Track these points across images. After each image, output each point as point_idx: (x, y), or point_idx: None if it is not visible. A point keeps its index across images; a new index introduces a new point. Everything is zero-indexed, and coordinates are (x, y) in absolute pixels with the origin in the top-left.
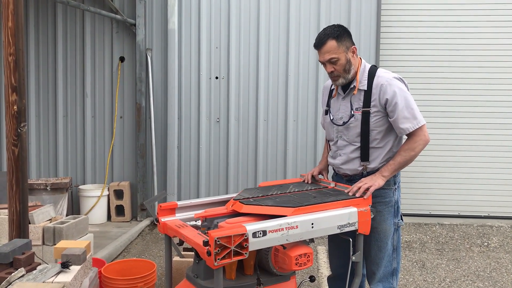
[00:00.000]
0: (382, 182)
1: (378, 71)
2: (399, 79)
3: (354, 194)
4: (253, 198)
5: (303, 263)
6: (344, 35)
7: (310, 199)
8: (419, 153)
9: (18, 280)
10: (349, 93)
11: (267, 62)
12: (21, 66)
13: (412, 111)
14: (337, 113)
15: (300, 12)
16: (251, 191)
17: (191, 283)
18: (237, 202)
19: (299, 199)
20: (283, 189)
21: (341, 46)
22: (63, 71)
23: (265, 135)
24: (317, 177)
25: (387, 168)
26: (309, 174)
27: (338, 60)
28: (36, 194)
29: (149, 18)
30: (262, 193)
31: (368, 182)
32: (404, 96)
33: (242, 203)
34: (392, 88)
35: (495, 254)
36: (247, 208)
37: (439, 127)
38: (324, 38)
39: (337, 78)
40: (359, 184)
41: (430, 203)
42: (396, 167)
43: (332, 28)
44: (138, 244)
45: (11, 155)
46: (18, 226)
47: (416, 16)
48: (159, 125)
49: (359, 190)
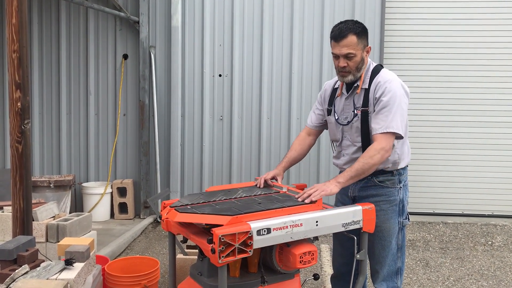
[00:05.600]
0: (336, 188)
1: (381, 71)
2: (399, 84)
3: (303, 200)
4: (191, 205)
5: (307, 261)
6: (364, 33)
7: (254, 206)
8: (377, 163)
9: (22, 277)
10: (353, 92)
11: (270, 59)
12: (25, 63)
13: (391, 116)
14: (341, 113)
15: (304, 9)
16: (193, 197)
17: (195, 281)
18: (172, 210)
19: (241, 206)
20: (230, 194)
21: (360, 44)
22: (67, 69)
23: (268, 133)
24: (268, 182)
25: (343, 174)
26: (262, 178)
27: (354, 56)
28: (40, 191)
29: (152, 15)
30: (205, 199)
31: (320, 188)
32: (394, 99)
33: (177, 210)
34: (386, 87)
35: (499, 253)
36: (181, 217)
37: (444, 125)
38: (346, 32)
39: (347, 74)
40: (310, 190)
41: (434, 201)
42: (353, 174)
43: (353, 23)
44: (141, 242)
45: (15, 152)
46: (22, 223)
47: (420, 14)
48: (162, 123)
49: (308, 197)
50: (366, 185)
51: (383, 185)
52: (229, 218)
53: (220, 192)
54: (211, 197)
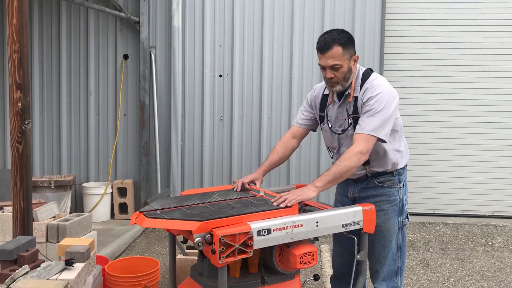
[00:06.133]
0: (313, 193)
1: (370, 76)
2: (388, 89)
3: (278, 205)
4: (162, 209)
5: (307, 262)
6: (349, 43)
7: (226, 210)
8: (355, 166)
9: (22, 277)
10: (345, 101)
11: (271, 60)
12: (25, 63)
13: (375, 120)
14: (335, 121)
15: (304, 10)
16: (165, 201)
17: (195, 281)
18: (140, 215)
19: (212, 211)
20: (204, 198)
21: (345, 54)
22: (67, 69)
23: (268, 133)
24: (246, 185)
25: (320, 178)
26: (240, 182)
27: (340, 67)
28: (40, 191)
29: (153, 15)
30: (176, 204)
31: (296, 193)
32: (380, 103)
33: (145, 216)
34: (373, 92)
35: (499, 253)
36: (149, 222)
37: (444, 126)
38: (330, 43)
39: (334, 85)
40: (286, 195)
41: (434, 202)
42: (331, 178)
43: (338, 33)
44: (141, 242)
45: (15, 152)
46: (22, 223)
47: (420, 15)
48: (162, 123)
49: (284, 202)
50: (366, 186)
51: (383, 186)
52: (198, 223)
53: (195, 196)
54: (184, 201)
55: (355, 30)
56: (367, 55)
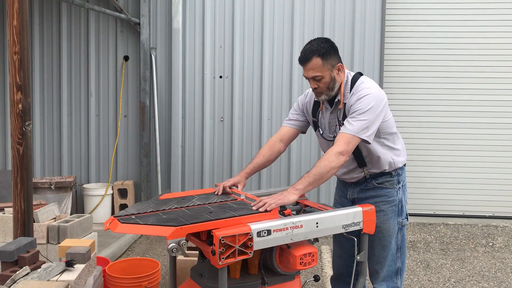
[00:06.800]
0: (294, 196)
1: (358, 80)
2: (375, 92)
3: (258, 209)
4: (137, 214)
5: (307, 263)
6: (330, 53)
7: (203, 215)
8: (336, 167)
9: (22, 278)
10: (336, 108)
11: (271, 61)
12: (26, 65)
13: (360, 121)
14: (326, 128)
15: (305, 10)
16: (141, 206)
17: (195, 282)
18: (114, 220)
19: (189, 216)
20: (183, 202)
21: (326, 65)
22: (68, 70)
23: (269, 134)
24: (227, 189)
25: (301, 181)
26: (221, 185)
27: (322, 78)
28: (41, 192)
29: (153, 17)
30: (153, 208)
31: (276, 197)
32: (366, 105)
33: (119, 221)
34: (360, 94)
35: (500, 254)
36: (122, 228)
37: (444, 127)
38: (309, 55)
39: (320, 95)
40: (266, 199)
41: (435, 203)
42: (312, 180)
43: (318, 44)
44: (142, 243)
45: (16, 153)
46: (23, 224)
47: (420, 15)
48: (163, 124)
49: (264, 206)
50: (365, 188)
51: (382, 186)
52: (172, 229)
53: (173, 200)
54: (161, 206)
55: (355, 32)
56: (367, 56)
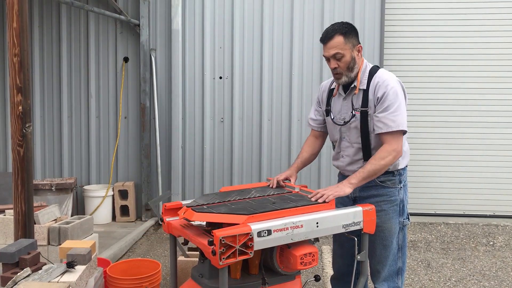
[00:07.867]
0: (349, 189)
1: (378, 71)
2: (397, 82)
3: (316, 200)
4: (207, 204)
5: (308, 263)
6: (351, 33)
7: (268, 205)
8: (389, 164)
9: (23, 280)
10: (350, 93)
11: (271, 61)
12: (26, 66)
13: (397, 114)
14: (338, 113)
15: (304, 11)
16: (208, 197)
17: (196, 283)
18: (189, 210)
19: (255, 206)
20: (243, 194)
21: (347, 43)
22: (68, 72)
23: (269, 134)
24: (281, 182)
25: (356, 175)
26: (275, 179)
27: (343, 56)
28: (41, 194)
29: (153, 18)
30: (219, 199)
31: (333, 189)
32: (396, 98)
33: (194, 210)
34: (387, 87)
35: (500, 253)
36: (198, 216)
37: (445, 126)
38: (331, 33)
39: (340, 76)
40: (323, 191)
41: (435, 202)
42: (365, 176)
43: (340, 24)
44: (143, 244)
45: (16, 155)
46: (24, 226)
47: (420, 15)
48: (163, 125)
49: (322, 197)
50: (367, 186)
51: (384, 186)
52: (245, 217)
53: (234, 192)
54: (225, 197)
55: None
56: (367, 51)
